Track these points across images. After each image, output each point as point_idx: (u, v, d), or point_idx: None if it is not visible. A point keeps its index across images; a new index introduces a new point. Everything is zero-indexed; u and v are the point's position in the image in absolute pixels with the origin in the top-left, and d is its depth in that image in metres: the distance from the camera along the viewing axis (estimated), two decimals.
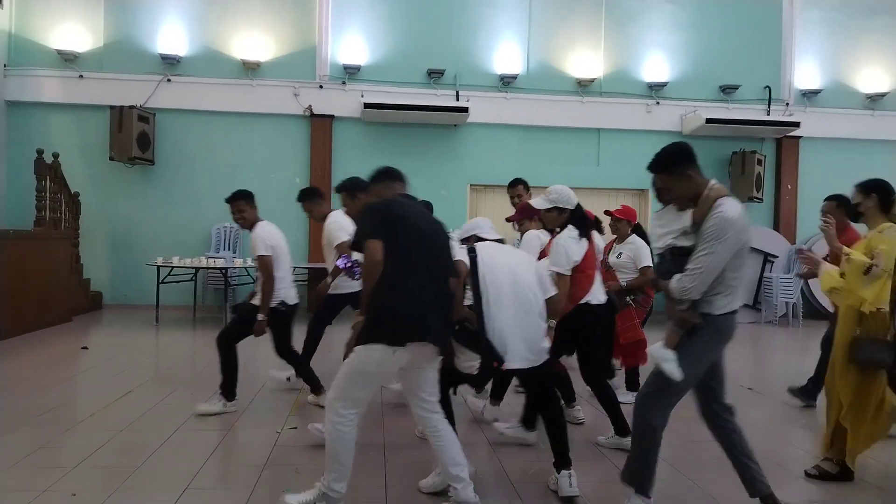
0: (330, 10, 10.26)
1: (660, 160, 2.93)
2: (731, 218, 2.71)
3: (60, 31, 9.84)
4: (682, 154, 2.90)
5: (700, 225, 2.78)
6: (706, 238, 2.72)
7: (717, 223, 2.71)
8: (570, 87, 10.73)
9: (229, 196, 4.75)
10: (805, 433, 4.54)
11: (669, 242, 2.87)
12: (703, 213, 2.78)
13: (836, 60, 11.33)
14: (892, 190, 3.73)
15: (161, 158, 9.85)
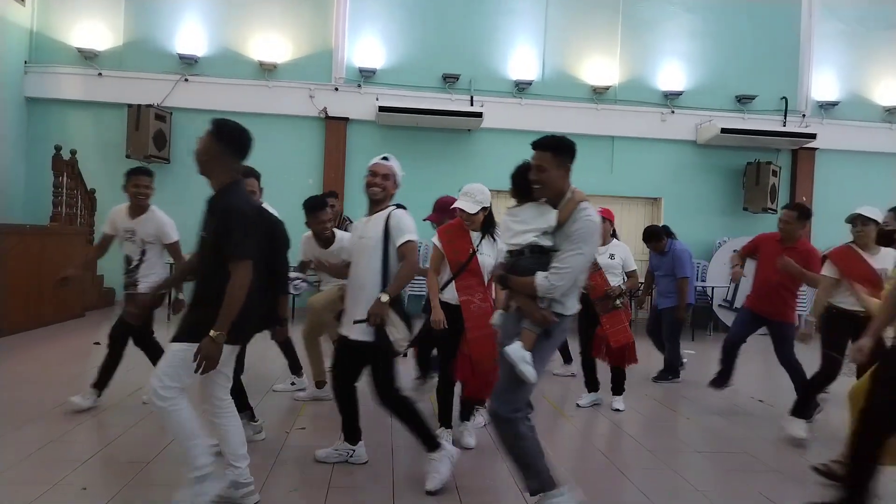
0: (347, 13, 10.32)
1: (551, 139, 2.93)
2: (597, 222, 2.85)
3: (81, 29, 9.96)
4: (571, 147, 2.97)
5: (562, 226, 2.83)
6: (575, 238, 2.78)
7: (587, 225, 2.80)
8: (585, 94, 10.72)
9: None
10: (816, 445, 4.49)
11: (531, 240, 2.85)
12: (567, 214, 2.83)
13: (853, 72, 11.25)
14: None
15: (177, 157, 9.93)
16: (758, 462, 4.10)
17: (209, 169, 3.13)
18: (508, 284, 2.91)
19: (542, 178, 2.87)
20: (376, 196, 3.58)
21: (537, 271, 2.77)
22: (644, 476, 3.78)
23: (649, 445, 4.35)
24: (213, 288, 2.87)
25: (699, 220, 10.72)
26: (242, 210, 3.00)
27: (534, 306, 2.80)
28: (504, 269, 2.96)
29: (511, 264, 2.92)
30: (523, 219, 2.92)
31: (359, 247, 3.54)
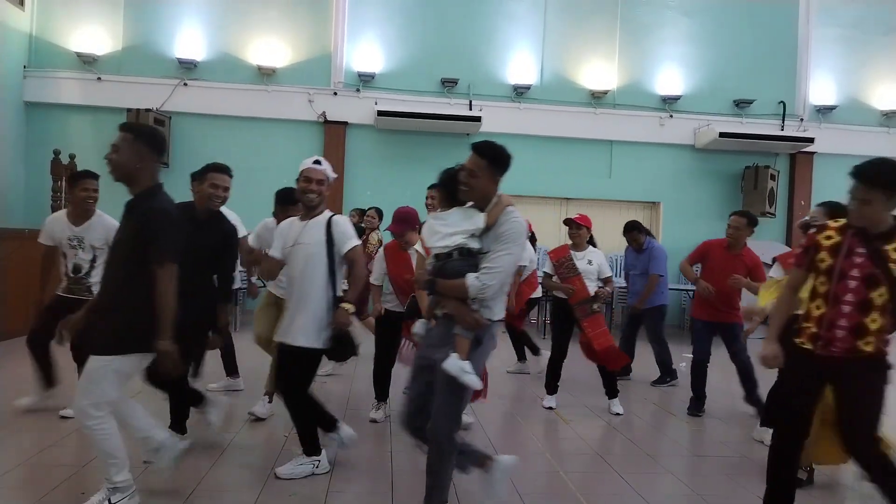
0: (346, 17, 10.35)
1: (491, 149, 2.87)
2: (524, 225, 2.87)
3: (80, 33, 9.97)
4: (507, 161, 2.90)
5: (489, 228, 2.83)
6: (504, 240, 2.77)
7: (515, 227, 2.80)
8: (584, 98, 10.74)
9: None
10: None
11: (460, 242, 2.82)
12: (495, 216, 2.83)
13: (851, 77, 11.29)
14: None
15: (176, 161, 9.93)
16: (756, 465, 4.10)
17: (134, 174, 3.00)
18: (437, 289, 2.84)
19: (471, 182, 2.84)
20: (314, 202, 3.52)
21: (467, 273, 2.75)
22: (643, 480, 3.78)
23: (648, 449, 4.36)
24: (126, 294, 2.82)
25: (698, 224, 10.73)
26: (169, 213, 2.94)
27: (465, 310, 2.77)
28: (432, 273, 2.88)
29: (439, 268, 2.85)
30: (450, 222, 2.89)
31: (296, 253, 3.47)
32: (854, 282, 2.69)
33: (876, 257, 2.66)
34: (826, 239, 2.82)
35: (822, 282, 2.80)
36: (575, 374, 6.24)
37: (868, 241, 2.70)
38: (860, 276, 2.68)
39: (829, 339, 2.74)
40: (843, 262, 2.72)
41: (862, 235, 2.72)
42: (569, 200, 11.02)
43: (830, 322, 2.73)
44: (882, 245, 2.67)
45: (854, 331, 2.70)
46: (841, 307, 2.72)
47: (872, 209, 2.66)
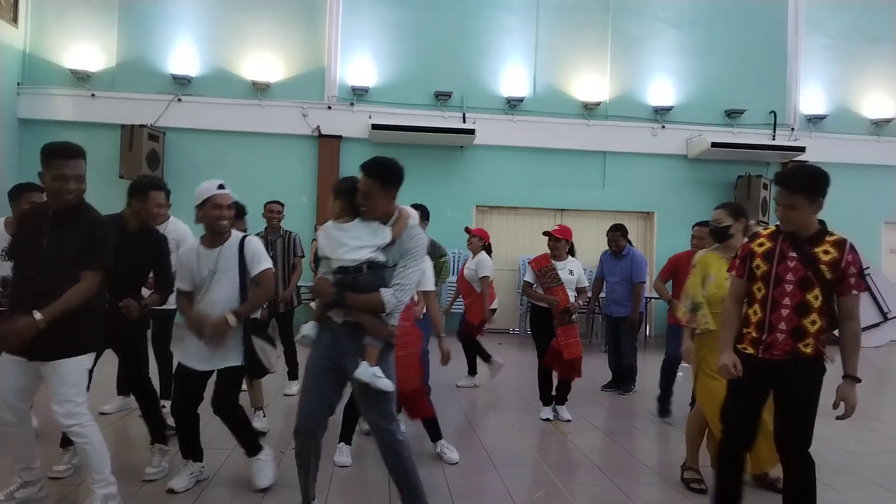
0: (339, 32, 10.42)
1: (379, 168, 2.96)
2: (426, 239, 3.01)
3: (74, 50, 10.01)
4: (398, 176, 3.00)
5: (393, 242, 2.90)
6: (412, 256, 2.88)
7: (421, 243, 2.93)
8: (576, 110, 10.81)
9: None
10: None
11: (370, 256, 2.87)
12: (399, 231, 2.92)
13: (841, 86, 11.40)
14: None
15: (170, 177, 9.91)
16: None
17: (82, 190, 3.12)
18: (349, 303, 2.83)
19: (368, 204, 2.91)
20: (226, 228, 3.50)
21: (380, 288, 2.82)
22: (643, 492, 3.77)
23: (648, 462, 4.35)
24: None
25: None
26: (106, 222, 3.16)
27: (380, 323, 2.85)
28: (340, 285, 2.86)
29: (350, 281, 2.85)
30: (357, 235, 2.91)
31: (215, 280, 3.44)
32: (790, 286, 2.77)
33: (807, 260, 2.75)
34: (759, 246, 2.90)
35: (758, 287, 2.87)
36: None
37: (798, 245, 2.79)
38: (795, 279, 2.76)
39: (770, 342, 2.80)
40: (778, 267, 2.80)
41: (792, 240, 2.81)
42: (563, 211, 11.06)
43: (771, 326, 2.80)
44: (811, 248, 2.77)
45: (793, 333, 2.77)
46: (780, 311, 2.78)
47: (797, 213, 2.75)
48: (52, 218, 3.03)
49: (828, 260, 2.74)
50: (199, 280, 3.47)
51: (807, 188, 2.72)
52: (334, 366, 2.90)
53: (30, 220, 3.15)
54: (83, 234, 3.02)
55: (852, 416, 2.81)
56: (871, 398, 6.97)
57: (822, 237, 2.80)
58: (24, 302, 2.92)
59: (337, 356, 2.89)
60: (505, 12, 10.74)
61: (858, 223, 11.14)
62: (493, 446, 4.47)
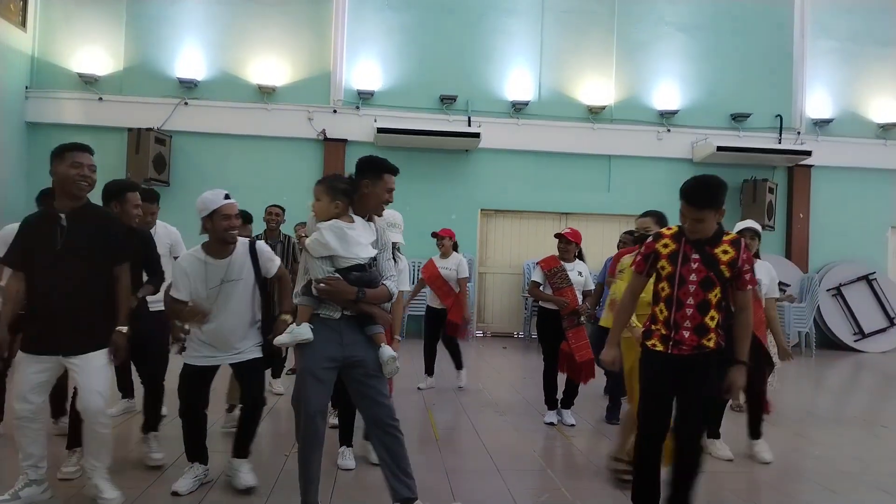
0: (345, 36, 10.45)
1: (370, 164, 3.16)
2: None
3: (81, 54, 10.07)
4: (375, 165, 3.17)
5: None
6: (387, 247, 3.13)
7: (388, 237, 3.19)
8: (582, 114, 10.81)
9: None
10: (816, 463, 4.47)
11: (373, 253, 3.01)
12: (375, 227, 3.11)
13: (847, 90, 11.36)
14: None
15: (176, 180, 9.99)
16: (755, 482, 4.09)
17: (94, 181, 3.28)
18: (366, 299, 2.95)
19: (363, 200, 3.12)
20: (235, 238, 3.48)
21: (381, 281, 3.02)
22: None
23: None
24: (97, 293, 3.16)
25: None
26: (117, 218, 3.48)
27: (383, 311, 3.07)
28: (358, 283, 2.93)
29: (366, 279, 2.96)
30: (363, 233, 3.03)
31: (226, 290, 3.44)
32: (693, 286, 2.94)
33: (709, 262, 2.93)
34: (664, 247, 3.04)
35: (662, 287, 3.03)
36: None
37: (699, 247, 2.95)
38: (697, 279, 2.94)
39: (678, 339, 2.96)
40: (682, 269, 2.96)
41: (694, 242, 2.97)
42: (568, 215, 11.05)
43: (677, 324, 2.96)
44: (712, 249, 2.94)
45: (697, 330, 2.94)
46: (685, 310, 2.95)
47: (705, 225, 2.92)
48: (67, 219, 3.12)
49: (726, 259, 2.92)
50: (205, 290, 3.43)
51: (712, 204, 2.89)
52: (339, 359, 2.96)
53: (34, 228, 3.21)
54: (102, 231, 3.19)
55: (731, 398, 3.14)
56: (878, 404, 6.94)
57: (720, 237, 2.96)
58: (48, 306, 3.09)
59: (340, 352, 2.96)
60: (510, 16, 10.76)
61: (865, 227, 11.11)
62: (496, 450, 4.46)
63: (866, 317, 10.56)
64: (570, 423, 5.26)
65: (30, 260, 3.16)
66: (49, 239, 3.10)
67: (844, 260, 10.89)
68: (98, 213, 3.27)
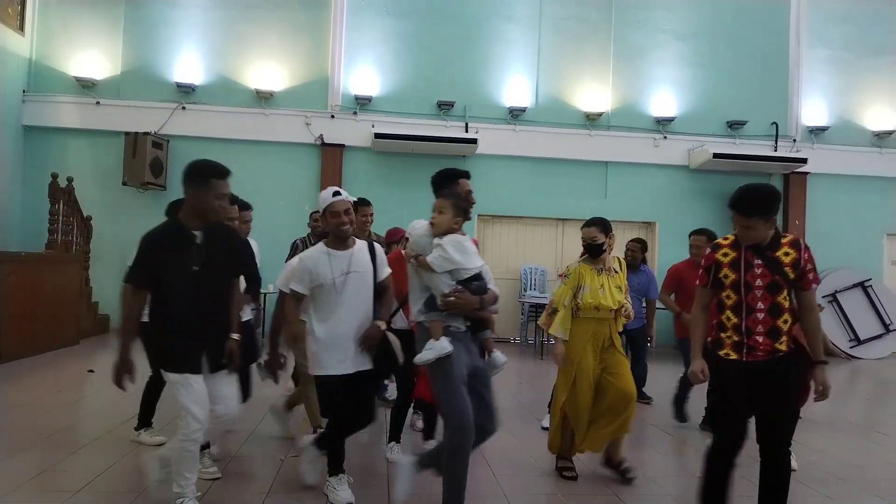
0: (343, 41, 10.47)
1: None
2: None
3: (79, 58, 10.07)
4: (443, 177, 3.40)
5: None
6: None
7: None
8: (579, 120, 10.85)
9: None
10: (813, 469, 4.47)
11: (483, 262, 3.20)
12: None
13: (843, 98, 11.43)
14: None
15: (173, 184, 9.96)
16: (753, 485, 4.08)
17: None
18: (484, 306, 3.13)
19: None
20: (347, 234, 3.48)
21: (487, 287, 3.17)
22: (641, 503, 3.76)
23: (648, 472, 4.33)
24: (226, 307, 3.20)
25: None
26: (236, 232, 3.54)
27: (492, 318, 3.25)
28: (478, 292, 3.10)
29: (484, 287, 3.15)
30: (468, 245, 3.15)
31: (350, 281, 3.40)
32: (760, 290, 2.95)
33: (772, 266, 2.94)
34: (724, 256, 3.06)
35: (727, 295, 3.03)
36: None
37: (760, 252, 2.97)
38: (763, 284, 2.94)
39: (752, 345, 2.95)
40: (747, 275, 2.97)
41: (754, 248, 2.98)
42: (565, 221, 11.07)
43: (749, 330, 2.96)
44: (773, 253, 2.96)
45: (770, 334, 2.94)
46: (755, 315, 2.95)
47: (756, 232, 2.94)
48: (202, 238, 3.09)
49: (789, 261, 2.94)
50: (332, 277, 3.37)
51: (759, 212, 2.91)
52: (470, 368, 3.11)
53: (165, 246, 3.09)
54: (230, 247, 3.27)
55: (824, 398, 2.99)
56: (874, 410, 6.96)
57: (779, 241, 2.98)
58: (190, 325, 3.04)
59: (470, 359, 3.13)
60: (507, 23, 10.80)
61: (860, 235, 11.15)
62: (493, 455, 4.45)
63: (862, 323, 10.59)
64: None
65: (159, 278, 3.06)
66: (186, 258, 3.05)
67: (840, 267, 10.93)
68: (225, 230, 3.29)
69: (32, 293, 7.68)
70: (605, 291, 4.00)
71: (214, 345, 3.11)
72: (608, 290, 4.02)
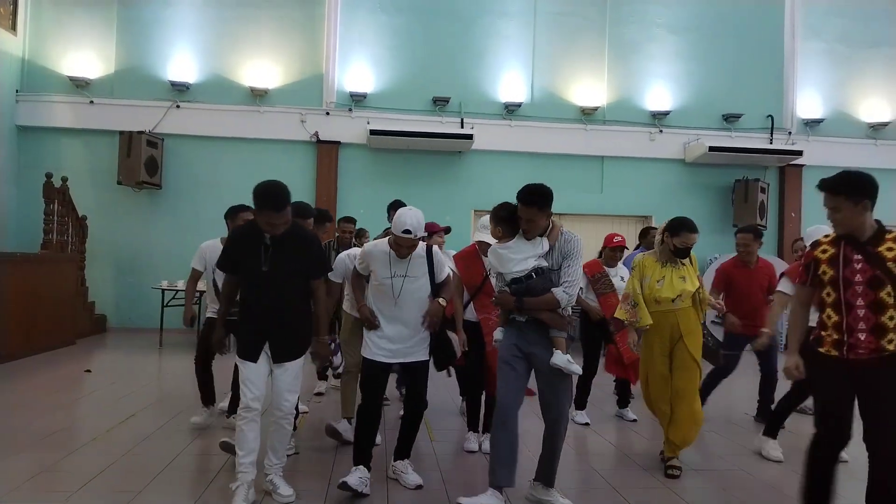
0: (337, 38, 10.44)
1: (534, 195, 3.37)
2: (579, 238, 3.49)
3: (73, 58, 10.02)
4: (550, 196, 3.42)
5: (552, 248, 3.44)
6: (571, 256, 3.41)
7: (576, 242, 3.45)
8: (574, 115, 10.84)
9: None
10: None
11: (535, 264, 3.39)
12: (555, 237, 3.45)
13: (838, 90, 11.44)
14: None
15: (168, 183, 9.95)
16: (752, 479, 4.10)
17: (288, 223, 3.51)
18: (526, 306, 3.38)
19: (530, 226, 3.40)
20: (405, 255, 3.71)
21: (551, 288, 3.35)
22: (641, 495, 3.77)
23: (646, 465, 4.34)
24: (298, 307, 3.52)
25: None
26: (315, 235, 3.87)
27: (558, 317, 3.39)
28: (515, 294, 3.40)
29: (523, 289, 3.39)
30: (518, 249, 3.41)
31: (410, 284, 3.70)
32: (860, 286, 2.86)
33: (873, 261, 2.85)
34: (822, 253, 3.02)
35: (827, 292, 2.98)
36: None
37: (861, 247, 2.89)
38: (863, 280, 2.86)
39: (853, 343, 2.87)
40: (845, 271, 2.90)
41: (853, 243, 2.91)
42: (561, 216, 11.06)
43: (850, 327, 2.88)
44: (874, 248, 2.87)
45: (874, 331, 2.84)
46: (856, 311, 2.87)
47: (843, 215, 2.90)
48: (272, 241, 3.40)
49: (892, 256, 2.83)
50: (386, 275, 3.68)
51: (846, 190, 2.87)
52: (522, 356, 3.45)
53: (241, 243, 3.50)
54: (302, 251, 3.49)
55: None
56: None
57: (882, 236, 2.90)
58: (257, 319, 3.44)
59: (526, 348, 3.43)
60: (502, 18, 10.78)
61: None
62: None
63: None
64: (630, 418, 5.49)
65: (236, 270, 3.51)
66: (256, 258, 3.39)
67: None
68: (298, 234, 3.50)
69: (28, 294, 7.66)
70: (665, 283, 4.11)
71: (277, 339, 3.44)
72: (669, 281, 4.12)
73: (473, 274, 4.38)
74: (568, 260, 3.40)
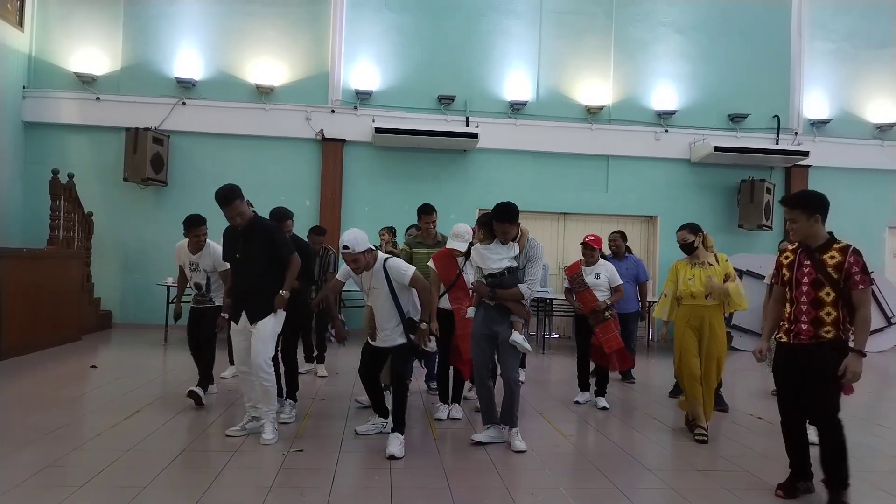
0: (343, 36, 10.45)
1: (505, 213, 4.37)
2: (541, 246, 4.61)
3: (79, 54, 10.06)
4: (516, 213, 4.42)
5: (520, 252, 4.48)
6: (535, 259, 4.49)
7: (538, 249, 4.54)
8: (580, 114, 10.83)
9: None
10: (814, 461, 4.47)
11: (507, 265, 4.41)
12: (524, 244, 4.50)
13: (844, 91, 11.40)
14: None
15: (174, 180, 9.98)
16: (757, 480, 4.09)
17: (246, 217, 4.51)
18: (499, 296, 4.43)
19: (504, 236, 4.46)
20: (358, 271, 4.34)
21: (517, 284, 4.42)
22: (646, 497, 3.77)
23: (650, 465, 4.34)
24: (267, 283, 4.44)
25: None
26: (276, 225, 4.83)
27: (520, 306, 4.48)
28: (490, 286, 4.45)
29: (497, 282, 4.43)
30: (496, 251, 4.47)
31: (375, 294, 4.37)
32: (806, 286, 3.56)
33: (817, 266, 3.53)
34: (785, 259, 3.75)
35: (787, 290, 3.68)
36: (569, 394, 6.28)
37: (811, 254, 3.58)
38: (808, 281, 3.55)
39: (797, 331, 3.59)
40: (797, 273, 3.61)
41: (807, 250, 3.60)
42: (566, 215, 11.06)
43: (796, 319, 3.60)
44: (820, 255, 3.54)
45: (814, 323, 3.53)
46: (801, 306, 3.58)
47: (799, 225, 3.56)
48: (243, 234, 4.44)
49: (833, 263, 3.49)
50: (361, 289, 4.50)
51: (801, 206, 3.54)
52: (490, 332, 4.52)
53: (230, 237, 4.56)
54: (268, 240, 4.44)
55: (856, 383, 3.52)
56: (875, 403, 6.95)
57: (830, 245, 3.55)
58: (239, 293, 4.54)
59: (491, 325, 4.50)
60: (508, 17, 10.77)
61: (862, 228, 11.12)
62: (493, 448, 4.46)
63: None
64: (602, 406, 5.80)
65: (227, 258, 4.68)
66: (234, 249, 4.51)
67: None
68: (261, 228, 4.49)
69: (34, 290, 7.69)
70: (696, 280, 4.91)
71: (249, 307, 4.45)
72: (698, 279, 4.91)
73: (449, 271, 5.19)
74: (531, 262, 4.45)
